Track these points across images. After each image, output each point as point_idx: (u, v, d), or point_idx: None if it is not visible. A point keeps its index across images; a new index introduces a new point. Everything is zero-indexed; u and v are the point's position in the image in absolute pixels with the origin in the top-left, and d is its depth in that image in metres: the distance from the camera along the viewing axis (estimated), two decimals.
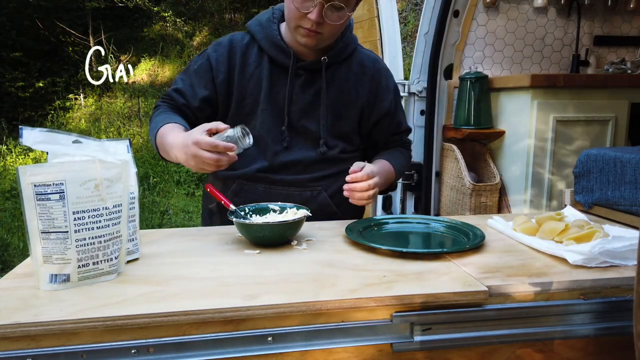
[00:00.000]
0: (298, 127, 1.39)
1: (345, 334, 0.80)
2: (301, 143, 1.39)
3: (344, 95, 1.41)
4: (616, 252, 0.95)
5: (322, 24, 1.25)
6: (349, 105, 1.42)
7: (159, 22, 10.24)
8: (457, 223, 1.19)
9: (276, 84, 1.38)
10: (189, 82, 1.40)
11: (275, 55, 1.37)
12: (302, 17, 1.25)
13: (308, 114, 1.39)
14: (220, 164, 1.09)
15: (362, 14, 2.59)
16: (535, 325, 0.86)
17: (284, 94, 1.37)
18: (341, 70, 1.42)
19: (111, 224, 0.89)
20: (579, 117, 2.33)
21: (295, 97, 1.38)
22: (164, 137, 1.24)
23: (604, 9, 2.82)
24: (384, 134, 1.53)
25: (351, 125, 1.44)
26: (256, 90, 1.37)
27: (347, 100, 1.42)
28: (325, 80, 1.38)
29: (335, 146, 1.42)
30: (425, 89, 2.59)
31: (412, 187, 2.68)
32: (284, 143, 1.38)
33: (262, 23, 1.41)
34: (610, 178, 1.37)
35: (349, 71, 1.43)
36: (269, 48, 1.38)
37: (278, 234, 1.08)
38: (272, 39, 1.37)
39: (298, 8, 1.24)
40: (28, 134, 0.87)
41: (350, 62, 1.44)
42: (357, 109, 1.44)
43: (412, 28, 6.75)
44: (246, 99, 1.38)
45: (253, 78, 1.38)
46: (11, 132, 7.76)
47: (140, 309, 0.76)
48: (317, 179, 1.40)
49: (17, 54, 8.75)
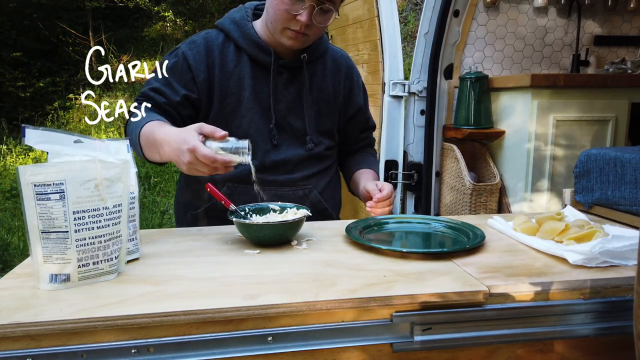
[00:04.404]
0: (284, 125, 1.39)
1: (345, 334, 0.80)
2: (289, 141, 1.40)
3: (324, 92, 1.44)
4: (616, 252, 0.94)
5: (309, 26, 1.26)
6: (329, 102, 1.45)
7: (159, 22, 10.25)
8: (457, 223, 1.19)
9: (259, 83, 1.37)
10: (164, 81, 1.34)
11: (255, 54, 1.36)
12: (291, 19, 1.25)
13: (293, 111, 1.40)
14: (211, 171, 1.05)
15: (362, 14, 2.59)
16: (535, 325, 0.86)
17: (268, 92, 1.37)
18: (317, 67, 1.44)
19: (111, 223, 0.89)
20: (579, 117, 2.33)
21: (279, 95, 1.38)
22: (151, 134, 1.18)
23: (604, 8, 2.82)
24: (355, 130, 1.58)
25: (332, 121, 1.48)
26: (238, 89, 1.36)
27: (326, 96, 1.45)
28: None
29: (320, 143, 1.45)
30: (425, 89, 2.59)
31: (412, 187, 2.68)
32: (273, 141, 1.38)
33: (237, 21, 1.39)
34: (611, 178, 1.37)
35: (324, 68, 1.45)
36: (248, 47, 1.36)
37: (278, 234, 1.08)
38: (251, 37, 1.36)
39: (288, 10, 1.24)
40: (31, 133, 0.87)
41: (324, 59, 1.46)
42: (337, 105, 1.48)
43: (412, 28, 6.75)
44: (228, 98, 1.36)
45: (234, 77, 1.36)
46: (11, 132, 7.76)
47: (140, 309, 0.76)
48: (307, 177, 1.42)
49: (17, 53, 8.75)
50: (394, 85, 2.46)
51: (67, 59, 9.34)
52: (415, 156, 2.67)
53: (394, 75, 2.46)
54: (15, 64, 8.84)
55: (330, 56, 1.48)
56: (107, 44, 9.25)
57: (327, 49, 1.48)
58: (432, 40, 2.54)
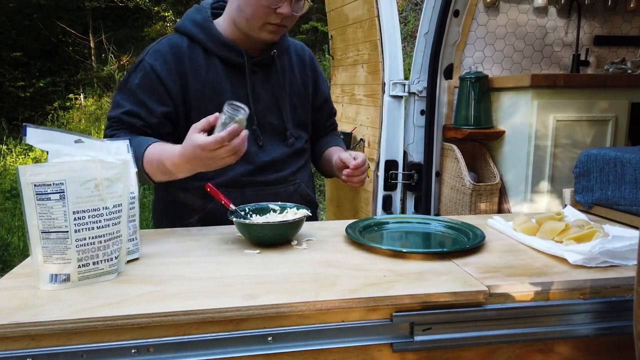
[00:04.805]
0: (265, 125, 1.39)
1: (345, 334, 0.80)
2: (271, 140, 1.40)
3: (295, 86, 1.45)
4: (616, 252, 0.95)
5: (289, 17, 1.27)
6: (301, 95, 1.47)
7: (159, 22, 10.24)
8: (457, 223, 1.19)
9: (235, 84, 1.35)
10: (135, 100, 1.27)
11: (226, 55, 1.33)
12: (271, 14, 1.25)
13: (271, 109, 1.40)
14: (238, 151, 1.05)
15: (362, 14, 2.59)
16: (535, 325, 0.86)
17: (245, 93, 1.35)
18: (284, 61, 1.44)
19: (111, 223, 0.89)
20: (579, 117, 2.33)
21: (256, 95, 1.37)
22: (156, 161, 1.16)
23: (604, 8, 2.82)
24: (323, 119, 1.60)
25: (306, 113, 1.49)
26: (216, 95, 1.32)
27: (298, 90, 1.46)
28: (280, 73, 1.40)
29: (299, 137, 1.46)
30: (425, 89, 2.59)
31: (412, 187, 2.68)
32: (259, 142, 1.38)
33: (200, 23, 1.34)
34: (611, 178, 1.37)
35: (291, 62, 1.46)
36: (217, 49, 1.33)
37: (278, 234, 1.08)
38: (219, 39, 1.32)
39: (268, 5, 1.23)
40: (32, 132, 0.87)
41: (289, 52, 1.47)
42: (308, 97, 1.49)
43: (412, 28, 6.75)
44: (207, 105, 1.30)
45: (208, 82, 1.32)
46: (11, 132, 7.76)
47: (140, 308, 0.76)
48: (295, 172, 1.44)
49: (17, 53, 8.75)
50: (394, 85, 2.46)
51: (67, 59, 9.34)
52: (415, 156, 2.67)
53: (394, 75, 2.46)
54: (15, 64, 8.84)
55: (293, 49, 1.49)
56: (107, 44, 9.25)
57: (288, 42, 1.49)
58: (432, 40, 2.54)
